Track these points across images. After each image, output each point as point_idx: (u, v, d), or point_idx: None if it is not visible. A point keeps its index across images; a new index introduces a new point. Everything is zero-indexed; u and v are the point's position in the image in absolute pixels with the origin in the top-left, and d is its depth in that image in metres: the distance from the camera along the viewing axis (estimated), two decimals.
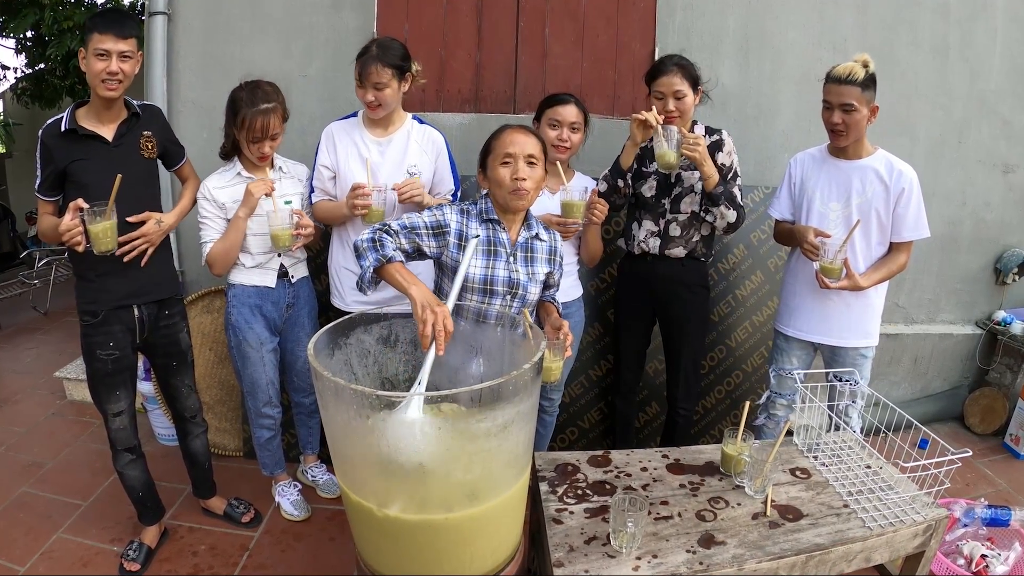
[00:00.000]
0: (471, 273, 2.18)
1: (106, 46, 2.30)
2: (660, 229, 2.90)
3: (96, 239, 2.31)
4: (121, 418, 2.65)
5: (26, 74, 7.99)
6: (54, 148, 2.37)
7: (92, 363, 2.57)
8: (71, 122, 2.37)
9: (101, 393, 2.60)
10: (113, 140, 2.46)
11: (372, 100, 2.69)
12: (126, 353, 2.60)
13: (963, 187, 4.08)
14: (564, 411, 3.40)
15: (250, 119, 2.58)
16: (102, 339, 2.53)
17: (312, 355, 1.65)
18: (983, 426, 4.11)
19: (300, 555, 2.89)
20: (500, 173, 2.17)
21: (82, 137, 2.39)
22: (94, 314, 2.51)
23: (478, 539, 1.71)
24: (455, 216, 2.21)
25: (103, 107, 2.43)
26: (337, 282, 2.96)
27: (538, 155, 2.19)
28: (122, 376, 2.61)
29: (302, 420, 3.23)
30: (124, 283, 2.53)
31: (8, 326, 5.99)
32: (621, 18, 3.65)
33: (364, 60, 2.64)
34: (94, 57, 2.30)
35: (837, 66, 2.58)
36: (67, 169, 2.39)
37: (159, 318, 2.67)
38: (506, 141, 2.18)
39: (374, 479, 1.67)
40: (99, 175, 2.38)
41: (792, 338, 2.90)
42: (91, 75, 2.33)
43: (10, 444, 3.77)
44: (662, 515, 2.06)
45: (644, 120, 2.63)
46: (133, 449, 2.73)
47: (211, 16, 3.62)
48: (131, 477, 2.76)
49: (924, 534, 2.12)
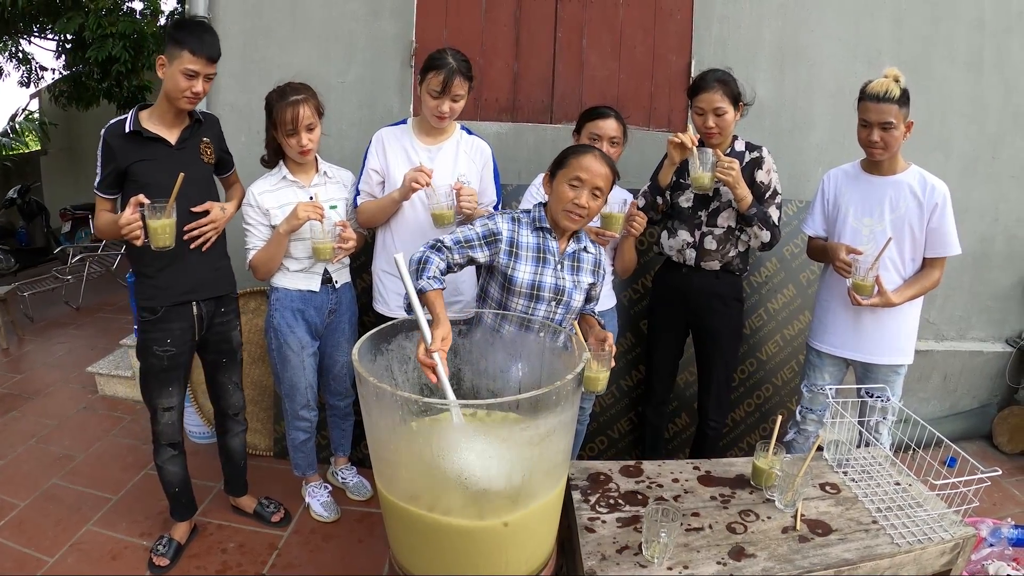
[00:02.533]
0: (520, 278, 2.24)
1: (197, 68, 2.37)
2: (696, 240, 2.91)
3: (155, 234, 2.34)
4: (171, 413, 2.69)
5: (64, 76, 8.13)
6: (117, 148, 2.42)
7: (147, 359, 2.61)
8: (135, 124, 2.42)
9: (153, 389, 2.64)
10: (176, 143, 2.52)
11: (446, 112, 2.71)
12: (183, 350, 2.65)
13: (996, 203, 4.05)
14: (594, 420, 3.42)
15: (281, 111, 2.63)
16: (160, 335, 2.58)
17: (357, 360, 1.68)
18: (1011, 445, 4.07)
19: (329, 556, 2.92)
20: (564, 190, 2.23)
21: (146, 139, 2.45)
22: (153, 311, 2.56)
23: (514, 546, 1.73)
24: (507, 224, 2.28)
25: (171, 113, 2.49)
26: (380, 287, 2.99)
27: (605, 188, 2.24)
28: (177, 373, 2.66)
29: (335, 422, 3.27)
30: (183, 280, 2.58)
31: (41, 320, 6.10)
32: (658, 30, 3.67)
33: (447, 72, 2.62)
34: (181, 75, 2.36)
35: (871, 83, 2.58)
36: (129, 169, 2.44)
37: (216, 314, 2.72)
38: (583, 164, 2.22)
39: (414, 482, 1.70)
40: (160, 176, 2.43)
41: (825, 354, 2.90)
42: (174, 89, 2.39)
43: (41, 436, 3.84)
44: (693, 526, 2.07)
45: (681, 143, 2.67)
46: (176, 445, 2.77)
47: (250, 21, 3.67)
48: (171, 472, 2.80)
49: (951, 552, 2.10)
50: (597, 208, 2.26)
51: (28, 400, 4.34)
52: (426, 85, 2.69)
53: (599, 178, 2.20)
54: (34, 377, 4.76)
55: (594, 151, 2.25)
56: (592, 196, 2.21)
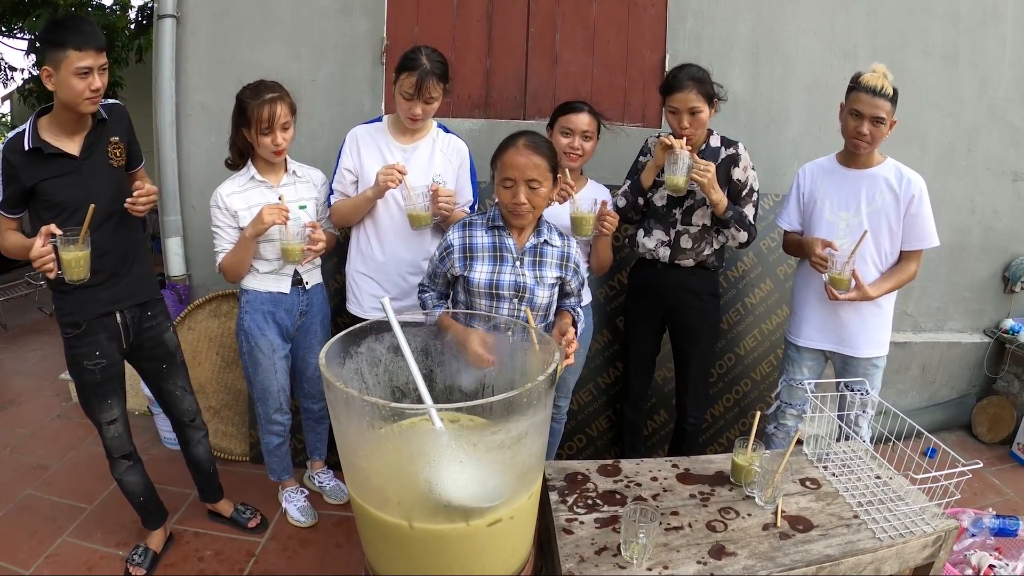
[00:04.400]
0: (476, 279, 2.27)
1: (87, 63, 2.19)
2: (670, 239, 2.89)
3: (68, 267, 2.22)
4: (115, 426, 2.62)
5: (33, 76, 8.02)
6: (19, 166, 2.27)
7: (80, 375, 2.53)
8: (34, 139, 2.28)
9: (92, 404, 2.57)
10: (80, 153, 2.37)
11: (419, 114, 2.67)
12: (113, 361, 2.57)
13: (972, 195, 4.07)
14: (572, 418, 3.39)
15: (257, 110, 2.56)
16: (87, 349, 2.49)
17: (324, 365, 1.64)
18: (991, 435, 4.10)
19: (307, 561, 2.89)
20: (501, 193, 2.25)
21: (48, 155, 2.29)
22: (76, 325, 2.46)
23: (490, 550, 1.70)
24: (456, 233, 2.31)
25: (71, 120, 2.33)
26: (355, 288, 2.95)
27: (541, 176, 2.20)
28: (111, 384, 2.58)
29: (310, 426, 3.23)
30: (104, 291, 2.48)
31: (13, 327, 6.00)
32: (632, 25, 3.65)
33: (420, 73, 2.57)
34: (74, 76, 2.19)
35: (866, 75, 2.57)
36: (35, 188, 2.31)
37: (142, 320, 2.63)
38: (508, 163, 2.20)
39: (385, 488, 1.66)
40: (69, 190, 2.33)
41: (803, 348, 2.90)
42: (72, 94, 2.22)
43: (15, 446, 3.78)
44: (672, 526, 2.05)
45: (669, 145, 2.65)
46: (129, 455, 2.71)
47: (220, 19, 3.63)
48: (130, 483, 2.74)
49: (934, 545, 2.10)
50: (543, 197, 2.24)
51: (1, 409, 4.27)
52: (399, 86, 2.65)
53: (529, 170, 2.17)
54: (7, 386, 4.68)
55: (517, 143, 2.21)
56: (529, 190, 2.19)
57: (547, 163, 2.22)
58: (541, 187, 2.21)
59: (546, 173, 2.21)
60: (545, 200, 2.26)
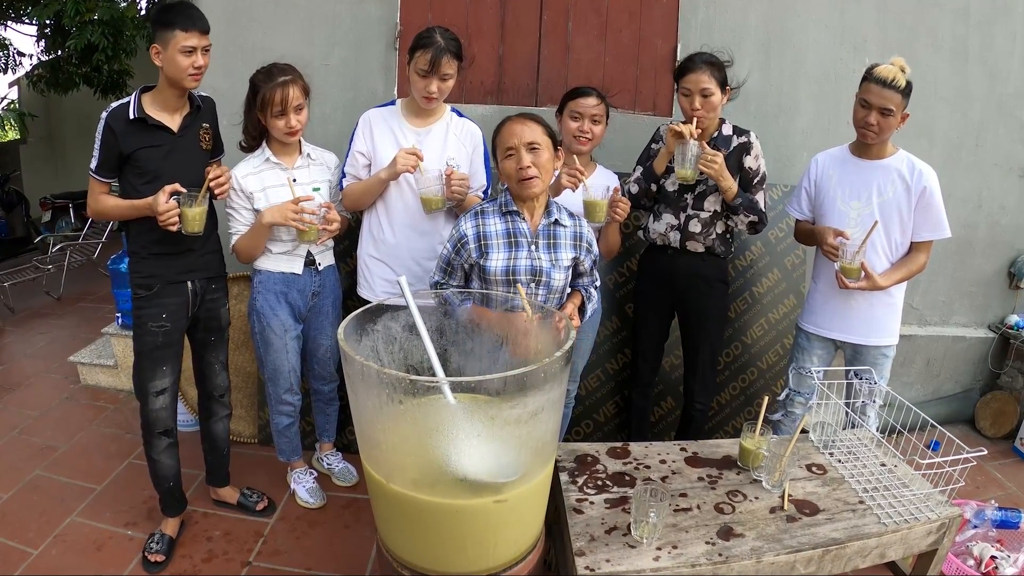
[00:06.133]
0: (492, 266, 2.28)
1: (192, 43, 2.38)
2: (680, 223, 2.91)
3: (189, 221, 2.42)
4: (163, 397, 2.67)
5: (42, 61, 8.03)
6: (120, 133, 2.42)
7: (142, 336, 2.61)
8: (139, 111, 2.44)
9: (147, 370, 2.62)
10: (178, 130, 2.54)
11: (435, 92, 2.68)
12: (177, 327, 2.65)
13: (979, 190, 4.08)
14: (580, 403, 3.42)
15: (270, 92, 2.60)
16: (156, 311, 2.58)
17: (343, 339, 1.66)
18: (994, 429, 4.11)
19: (315, 542, 2.91)
20: (506, 166, 2.27)
21: (150, 126, 2.46)
22: (149, 287, 2.57)
23: (503, 526, 1.73)
24: (469, 223, 2.33)
25: (174, 96, 2.51)
26: (366, 272, 2.96)
27: (540, 140, 2.24)
28: (170, 351, 2.65)
29: (320, 408, 3.24)
30: (179, 261, 2.60)
31: (21, 310, 6.01)
32: (644, 13, 3.65)
33: (435, 50, 2.59)
34: (180, 54, 2.37)
35: (879, 66, 2.58)
36: (132, 155, 2.46)
37: (207, 292, 2.73)
38: (506, 135, 2.26)
39: (402, 462, 1.68)
40: (162, 163, 2.48)
41: (814, 336, 2.92)
42: (177, 70, 2.40)
43: (24, 427, 3.79)
44: (681, 507, 2.08)
45: (680, 132, 2.66)
46: (170, 432, 2.73)
47: (233, 3, 3.62)
48: (166, 466, 2.76)
49: (938, 532, 2.13)
50: (547, 161, 2.27)
51: (10, 391, 4.28)
52: (414, 64, 2.66)
53: (527, 134, 2.22)
54: (15, 368, 4.70)
55: (511, 117, 2.29)
56: (532, 152, 2.23)
57: (542, 129, 2.27)
58: (542, 150, 2.24)
59: (543, 137, 2.25)
60: (550, 167, 2.29)
